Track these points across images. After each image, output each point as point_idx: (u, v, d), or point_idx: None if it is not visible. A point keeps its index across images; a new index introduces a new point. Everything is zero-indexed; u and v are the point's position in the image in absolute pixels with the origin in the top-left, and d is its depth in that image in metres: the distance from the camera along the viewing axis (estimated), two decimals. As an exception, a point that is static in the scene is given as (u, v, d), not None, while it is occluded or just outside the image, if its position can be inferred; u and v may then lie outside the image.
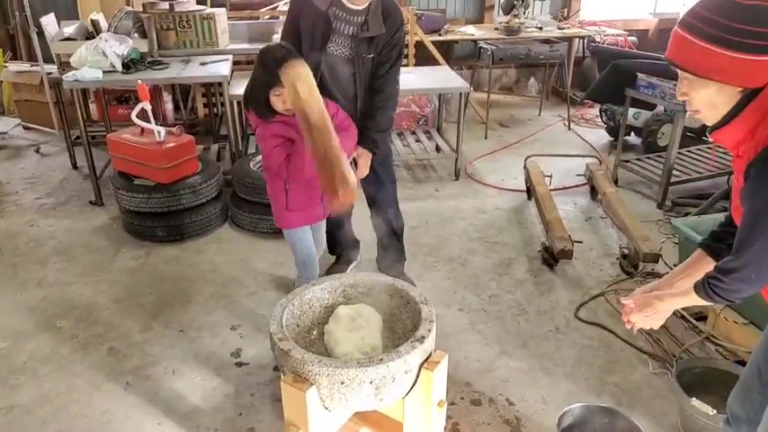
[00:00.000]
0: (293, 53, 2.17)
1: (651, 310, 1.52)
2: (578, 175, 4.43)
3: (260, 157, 3.89)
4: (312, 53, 2.48)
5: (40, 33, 4.73)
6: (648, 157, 4.43)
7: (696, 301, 1.41)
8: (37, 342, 2.71)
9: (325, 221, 2.71)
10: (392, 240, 3.02)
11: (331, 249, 3.17)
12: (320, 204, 2.49)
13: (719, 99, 1.28)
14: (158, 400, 2.37)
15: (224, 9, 4.89)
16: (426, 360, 1.80)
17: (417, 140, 4.93)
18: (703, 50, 1.22)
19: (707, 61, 1.23)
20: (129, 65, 3.94)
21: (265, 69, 2.13)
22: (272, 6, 5.79)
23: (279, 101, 2.16)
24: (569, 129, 5.65)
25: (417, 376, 1.78)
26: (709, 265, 1.47)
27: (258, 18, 5.53)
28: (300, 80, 1.92)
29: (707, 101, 1.30)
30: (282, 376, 1.76)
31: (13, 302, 3.01)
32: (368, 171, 2.65)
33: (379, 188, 2.87)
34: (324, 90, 2.55)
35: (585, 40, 6.52)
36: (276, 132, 2.23)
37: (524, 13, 5.96)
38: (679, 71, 1.30)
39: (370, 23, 2.47)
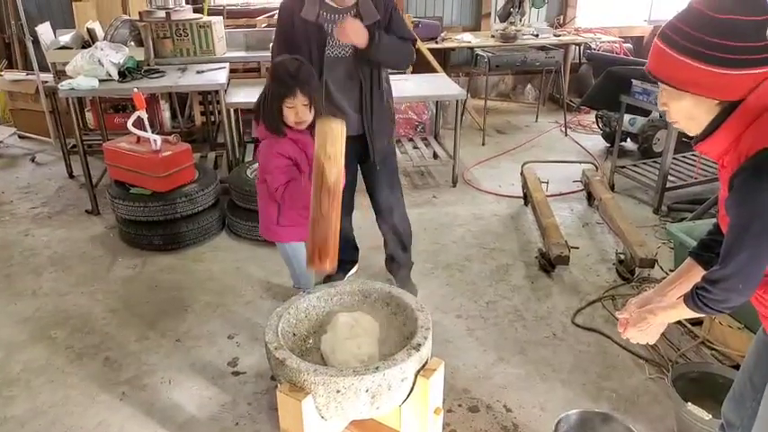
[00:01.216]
0: (307, 66, 2.21)
1: (645, 325, 1.52)
2: (575, 181, 4.43)
3: (257, 164, 3.90)
4: (312, 62, 2.49)
5: (36, 42, 4.74)
6: (644, 163, 4.44)
7: (687, 312, 1.41)
8: (31, 353, 2.70)
9: None
10: (398, 246, 3.04)
11: None
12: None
13: (697, 111, 1.30)
14: (154, 411, 2.36)
15: (221, 17, 4.90)
16: (423, 367, 1.80)
17: (415, 147, 4.95)
18: (678, 63, 1.24)
19: (682, 74, 1.24)
20: (126, 73, 3.94)
21: (279, 81, 2.15)
22: (269, 14, 5.81)
23: (291, 113, 2.17)
24: (566, 135, 5.66)
25: (414, 384, 1.78)
26: (699, 274, 1.47)
27: (255, 26, 5.55)
28: (332, 138, 1.85)
29: (684, 112, 1.32)
30: (278, 385, 1.76)
31: (7, 313, 3.00)
32: (354, 30, 2.38)
33: (385, 195, 2.88)
34: (330, 99, 2.57)
35: (581, 47, 6.55)
36: (282, 152, 2.21)
37: (521, 21, 5.98)
38: (659, 82, 1.32)
39: (363, 14, 2.47)
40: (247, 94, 4.23)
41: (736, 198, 1.25)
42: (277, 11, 5.78)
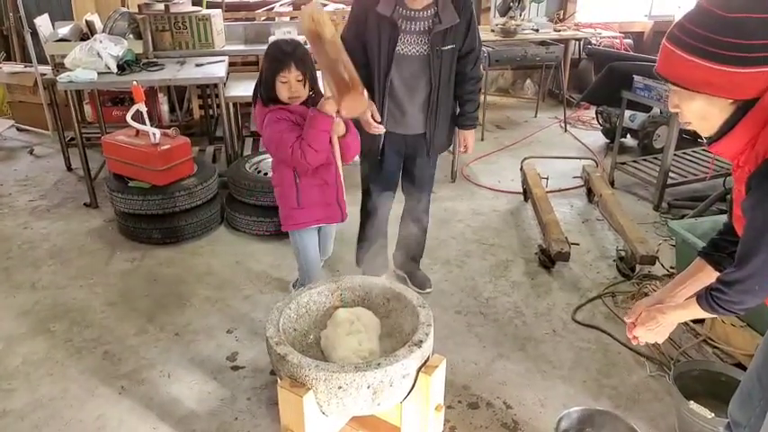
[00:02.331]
0: (302, 46, 2.23)
1: (654, 324, 1.51)
2: (575, 177, 4.43)
3: (256, 158, 3.89)
4: (381, 56, 2.47)
5: (34, 34, 4.70)
6: (645, 159, 4.43)
7: (699, 312, 1.40)
8: (30, 346, 2.69)
9: (334, 230, 2.68)
10: (420, 243, 3.06)
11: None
12: (336, 205, 2.42)
13: (710, 111, 1.28)
14: (153, 405, 2.35)
15: (220, 10, 4.87)
16: (424, 364, 1.79)
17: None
18: (689, 64, 1.22)
19: (693, 74, 1.23)
20: (125, 66, 3.92)
21: (273, 59, 2.19)
22: (268, 8, 5.78)
23: (285, 87, 2.19)
24: (566, 131, 5.65)
25: (415, 380, 1.77)
26: (709, 274, 1.46)
27: (254, 19, 5.51)
28: (314, 9, 2.03)
29: (697, 113, 1.30)
30: (279, 381, 1.75)
31: (6, 306, 2.99)
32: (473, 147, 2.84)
33: (423, 191, 2.90)
34: (394, 94, 2.55)
35: (581, 43, 6.52)
36: (282, 117, 2.22)
37: (520, 15, 5.95)
38: (669, 84, 1.30)
39: (443, 15, 2.43)
40: (246, 88, 4.20)
41: (753, 200, 1.23)
42: (275, 5, 5.75)
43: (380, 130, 2.59)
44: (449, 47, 2.50)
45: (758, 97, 1.21)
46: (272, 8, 5.77)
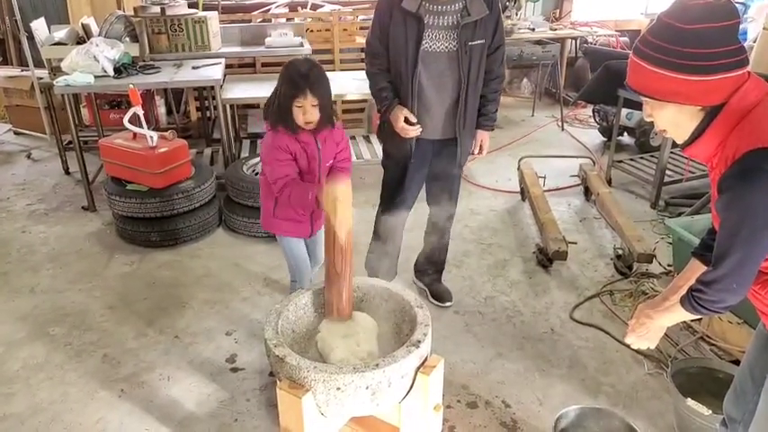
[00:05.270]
0: (318, 67, 2.17)
1: (644, 330, 1.53)
2: (572, 176, 4.44)
3: (253, 160, 3.90)
4: (407, 54, 2.41)
5: (31, 38, 4.70)
6: (642, 158, 4.45)
7: (685, 315, 1.42)
8: (30, 350, 2.69)
9: (322, 238, 2.64)
10: (443, 254, 3.02)
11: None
12: (307, 222, 2.42)
13: (681, 118, 1.32)
14: (153, 408, 2.35)
15: (216, 12, 4.88)
16: (422, 364, 1.80)
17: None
18: (656, 76, 1.27)
19: (661, 86, 1.27)
20: (121, 69, 3.92)
21: (290, 81, 2.13)
22: (263, 9, 5.78)
23: (300, 112, 2.15)
24: (563, 129, 5.66)
25: (413, 381, 1.78)
26: None
27: (250, 21, 5.52)
28: (342, 200, 1.90)
29: (670, 121, 1.35)
30: (278, 382, 1.76)
31: (5, 310, 2.99)
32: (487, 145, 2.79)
33: (450, 200, 2.83)
34: (421, 95, 2.48)
35: (578, 41, 6.54)
36: (282, 146, 2.19)
37: (517, 14, 5.97)
38: (641, 96, 1.34)
39: (471, 7, 2.37)
40: (243, 90, 4.22)
41: (725, 201, 1.27)
42: (271, 7, 5.74)
43: (418, 130, 2.53)
44: (478, 41, 2.43)
45: (725, 102, 1.26)
46: (269, 10, 5.78)
